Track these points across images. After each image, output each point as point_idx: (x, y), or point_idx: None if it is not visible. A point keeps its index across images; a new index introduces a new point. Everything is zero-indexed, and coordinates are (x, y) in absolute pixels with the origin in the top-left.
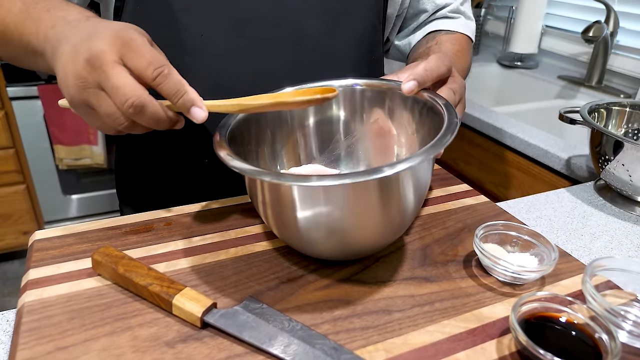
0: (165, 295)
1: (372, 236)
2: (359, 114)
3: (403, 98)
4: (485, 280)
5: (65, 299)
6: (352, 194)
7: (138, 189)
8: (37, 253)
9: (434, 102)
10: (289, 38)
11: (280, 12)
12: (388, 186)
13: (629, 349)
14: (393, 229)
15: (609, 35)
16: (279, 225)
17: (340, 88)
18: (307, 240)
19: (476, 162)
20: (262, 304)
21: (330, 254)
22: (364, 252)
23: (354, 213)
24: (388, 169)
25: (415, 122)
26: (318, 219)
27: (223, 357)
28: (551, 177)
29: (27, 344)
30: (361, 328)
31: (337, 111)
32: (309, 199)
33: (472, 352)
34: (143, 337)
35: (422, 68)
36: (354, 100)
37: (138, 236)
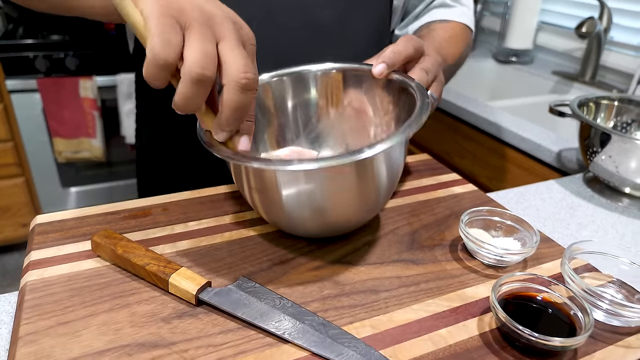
0: (162, 274)
1: (352, 213)
2: (335, 96)
3: (377, 81)
4: (470, 263)
5: (65, 279)
6: (332, 175)
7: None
8: (39, 236)
9: (405, 84)
10: (304, 26)
11: (297, 2)
12: (364, 167)
13: (605, 326)
14: (370, 206)
15: (602, 31)
16: (265, 208)
17: (318, 72)
18: (293, 221)
19: (471, 155)
20: (255, 283)
21: (315, 232)
22: (346, 228)
23: (334, 193)
24: (365, 151)
25: (389, 103)
26: (301, 200)
27: (216, 331)
28: (543, 171)
29: (29, 319)
30: (349, 306)
31: (315, 94)
32: (291, 182)
33: (454, 328)
34: (140, 314)
35: (390, 50)
36: (330, 83)
37: (136, 220)
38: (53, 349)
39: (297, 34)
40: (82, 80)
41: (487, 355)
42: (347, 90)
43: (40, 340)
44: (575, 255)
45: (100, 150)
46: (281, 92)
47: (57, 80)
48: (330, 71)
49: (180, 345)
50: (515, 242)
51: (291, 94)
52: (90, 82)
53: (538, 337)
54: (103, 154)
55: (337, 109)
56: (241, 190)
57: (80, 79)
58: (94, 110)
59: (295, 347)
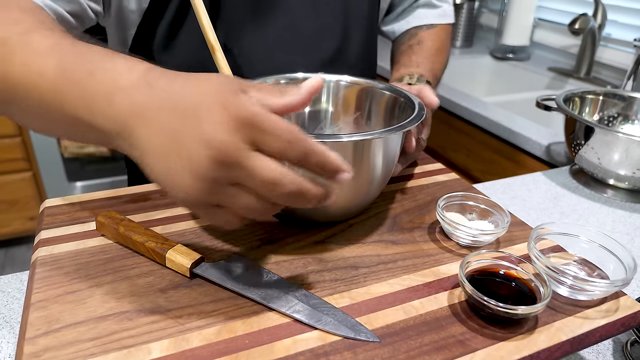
0: (160, 250)
1: (343, 200)
2: (342, 105)
3: (382, 96)
4: (446, 244)
5: (72, 255)
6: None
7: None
8: (48, 218)
9: (408, 102)
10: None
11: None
12: (360, 154)
13: (567, 300)
14: (360, 195)
15: (596, 27)
16: None
17: (331, 83)
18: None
19: (464, 149)
20: (245, 259)
21: (306, 214)
22: (336, 215)
23: None
24: (359, 135)
25: (393, 118)
26: None
27: (208, 300)
28: (534, 164)
29: (40, 289)
30: (330, 280)
31: (326, 104)
32: None
33: (426, 300)
34: (140, 285)
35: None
36: (340, 94)
37: (137, 204)
38: (61, 314)
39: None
40: None
41: (454, 323)
42: (355, 102)
43: (50, 306)
44: (544, 236)
45: None
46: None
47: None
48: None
49: (175, 312)
50: (489, 224)
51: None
52: None
53: (496, 305)
54: (108, 149)
55: (344, 117)
56: None
57: None
58: None
59: (279, 314)
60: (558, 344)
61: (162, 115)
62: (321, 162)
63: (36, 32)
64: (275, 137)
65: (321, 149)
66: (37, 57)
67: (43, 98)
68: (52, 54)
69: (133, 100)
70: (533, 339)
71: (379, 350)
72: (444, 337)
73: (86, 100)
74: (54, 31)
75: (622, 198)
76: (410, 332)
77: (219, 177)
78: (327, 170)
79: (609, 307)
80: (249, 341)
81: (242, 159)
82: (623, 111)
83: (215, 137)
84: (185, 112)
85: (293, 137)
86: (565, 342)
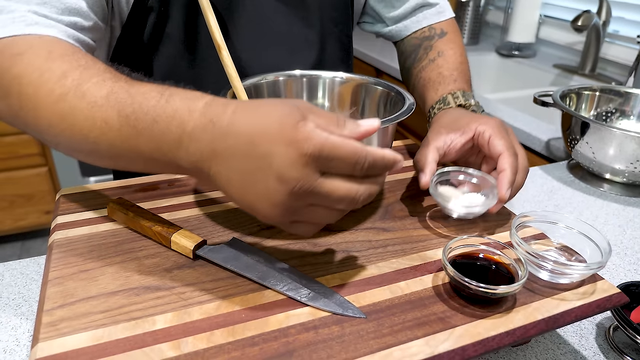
0: (165, 233)
1: None
2: (338, 101)
3: (374, 91)
4: (434, 232)
5: (86, 238)
6: None
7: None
8: (64, 204)
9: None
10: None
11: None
12: None
13: (547, 284)
14: None
15: (600, 24)
16: None
17: (327, 79)
18: None
19: None
20: (244, 243)
21: None
22: None
23: None
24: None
25: (385, 112)
26: None
27: (209, 279)
28: (534, 159)
29: (56, 267)
30: (323, 263)
31: (322, 99)
32: None
33: (411, 281)
34: (147, 265)
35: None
36: (335, 90)
37: (146, 193)
38: (75, 289)
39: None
40: None
41: (437, 302)
42: (350, 97)
43: (65, 282)
44: (527, 224)
45: None
46: (297, 90)
47: None
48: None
49: (179, 289)
50: (481, 196)
51: (305, 94)
52: None
53: (477, 286)
54: None
55: (342, 112)
56: None
57: None
58: None
59: (274, 292)
60: (533, 322)
61: (232, 154)
62: (384, 166)
63: (87, 82)
64: (341, 161)
65: (380, 154)
66: (98, 109)
67: (113, 144)
68: (110, 104)
69: (202, 143)
70: (510, 317)
71: (364, 325)
72: (426, 315)
73: (157, 145)
74: (102, 77)
75: (617, 192)
76: (395, 310)
77: (296, 204)
78: (389, 168)
79: (586, 290)
80: (245, 315)
81: (315, 187)
82: (620, 107)
83: (286, 175)
84: (253, 149)
85: (357, 156)
86: (541, 320)
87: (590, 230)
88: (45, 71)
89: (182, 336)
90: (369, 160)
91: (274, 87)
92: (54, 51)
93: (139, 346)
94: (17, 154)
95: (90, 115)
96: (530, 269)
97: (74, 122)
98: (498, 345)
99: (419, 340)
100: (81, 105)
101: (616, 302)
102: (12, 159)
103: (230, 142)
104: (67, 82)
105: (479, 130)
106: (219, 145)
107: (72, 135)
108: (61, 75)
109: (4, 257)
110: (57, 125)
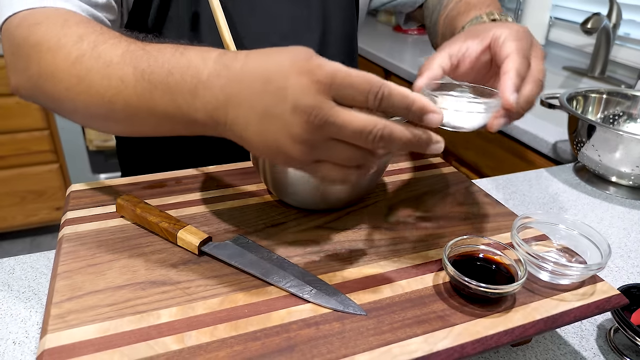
0: (172, 229)
1: (340, 190)
2: None
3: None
4: (436, 232)
5: (95, 233)
6: None
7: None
8: (73, 200)
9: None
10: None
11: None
12: None
13: (547, 284)
14: (357, 185)
15: (610, 26)
16: (273, 177)
17: None
18: (294, 191)
19: (474, 147)
20: (248, 240)
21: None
22: (338, 203)
23: None
24: None
25: None
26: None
27: (213, 275)
28: (541, 161)
29: (65, 261)
30: (326, 260)
31: None
32: None
33: (412, 280)
34: (153, 260)
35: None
36: None
37: (153, 190)
38: (84, 283)
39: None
40: None
41: (437, 301)
42: None
43: (74, 276)
44: (527, 225)
45: None
46: None
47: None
48: None
49: (184, 284)
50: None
51: None
52: None
53: (477, 285)
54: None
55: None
56: (253, 159)
57: None
58: None
59: (277, 289)
60: (532, 322)
61: (248, 95)
62: (403, 103)
63: (103, 44)
64: (354, 89)
65: (401, 90)
66: (114, 67)
67: (128, 103)
68: (126, 61)
69: (217, 90)
70: (509, 317)
71: (365, 322)
72: (426, 313)
73: (172, 98)
74: (118, 39)
75: (623, 195)
76: (395, 308)
77: (314, 137)
78: (413, 111)
79: (585, 291)
80: (248, 310)
81: (330, 116)
82: (627, 110)
83: (301, 103)
84: (267, 86)
85: (371, 85)
86: (540, 320)
87: (591, 231)
88: (62, 37)
89: (186, 330)
90: (384, 91)
91: None
92: (70, 19)
93: (144, 339)
94: (29, 151)
95: (106, 74)
96: (530, 270)
97: (90, 84)
98: (496, 344)
99: (418, 337)
100: (97, 65)
101: (615, 304)
102: (24, 156)
103: (245, 83)
104: (84, 45)
105: (496, 34)
106: (234, 88)
107: (89, 98)
108: (77, 39)
109: (14, 252)
110: (74, 88)
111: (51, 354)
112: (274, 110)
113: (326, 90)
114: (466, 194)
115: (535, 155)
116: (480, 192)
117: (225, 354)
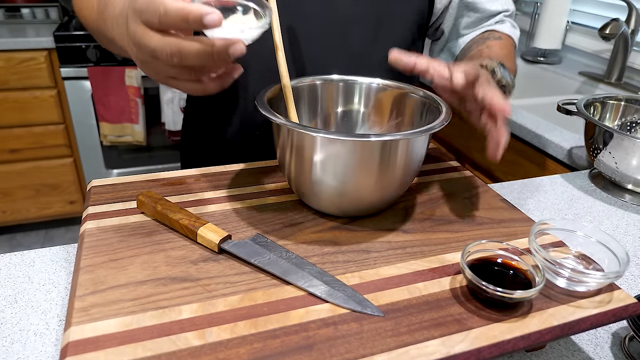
0: (192, 227)
1: (368, 196)
2: (375, 107)
3: (410, 99)
4: (454, 235)
5: (116, 228)
6: (358, 149)
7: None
8: (94, 195)
9: (436, 106)
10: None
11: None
12: (387, 154)
13: (564, 291)
14: (388, 192)
15: (628, 32)
16: (297, 173)
17: (363, 85)
18: (317, 193)
19: None
20: (267, 239)
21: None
22: (359, 211)
23: (356, 169)
24: (387, 135)
25: (421, 121)
26: (326, 169)
27: (233, 273)
28: (556, 167)
29: (88, 255)
30: (343, 261)
31: (358, 105)
32: (323, 146)
33: (429, 283)
34: (174, 257)
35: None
36: (371, 96)
37: (173, 187)
38: (106, 277)
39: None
40: (128, 70)
41: (454, 304)
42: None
43: (96, 270)
44: (545, 231)
45: (142, 135)
46: (334, 93)
47: (106, 69)
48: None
49: (204, 281)
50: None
51: (341, 101)
52: (135, 71)
53: (494, 290)
54: (144, 139)
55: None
56: (280, 158)
57: (127, 69)
58: (137, 98)
59: (295, 288)
60: (549, 328)
61: (122, 22)
62: (180, 16)
63: None
64: (149, 12)
65: (177, 5)
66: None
67: (93, 27)
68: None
69: (120, 20)
70: (526, 322)
71: (382, 323)
72: (443, 316)
73: (106, 23)
74: None
75: (639, 203)
76: (412, 310)
77: (143, 57)
78: (192, 21)
79: (602, 298)
80: (267, 309)
81: (139, 38)
82: None
83: (128, 27)
84: (123, 17)
85: (154, 6)
86: (556, 326)
87: (609, 239)
88: None
89: (206, 326)
90: (161, 10)
91: (312, 89)
92: None
93: (166, 334)
94: (44, 144)
95: (87, 6)
96: (547, 276)
97: (81, 7)
98: (513, 349)
99: (436, 340)
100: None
101: (632, 312)
102: (40, 149)
103: (119, 12)
104: None
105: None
106: (119, 19)
107: (84, 17)
108: None
109: (28, 245)
110: (79, 11)
111: (76, 346)
112: (125, 30)
113: (136, 16)
114: (483, 199)
115: (549, 161)
116: (497, 196)
117: (246, 351)
